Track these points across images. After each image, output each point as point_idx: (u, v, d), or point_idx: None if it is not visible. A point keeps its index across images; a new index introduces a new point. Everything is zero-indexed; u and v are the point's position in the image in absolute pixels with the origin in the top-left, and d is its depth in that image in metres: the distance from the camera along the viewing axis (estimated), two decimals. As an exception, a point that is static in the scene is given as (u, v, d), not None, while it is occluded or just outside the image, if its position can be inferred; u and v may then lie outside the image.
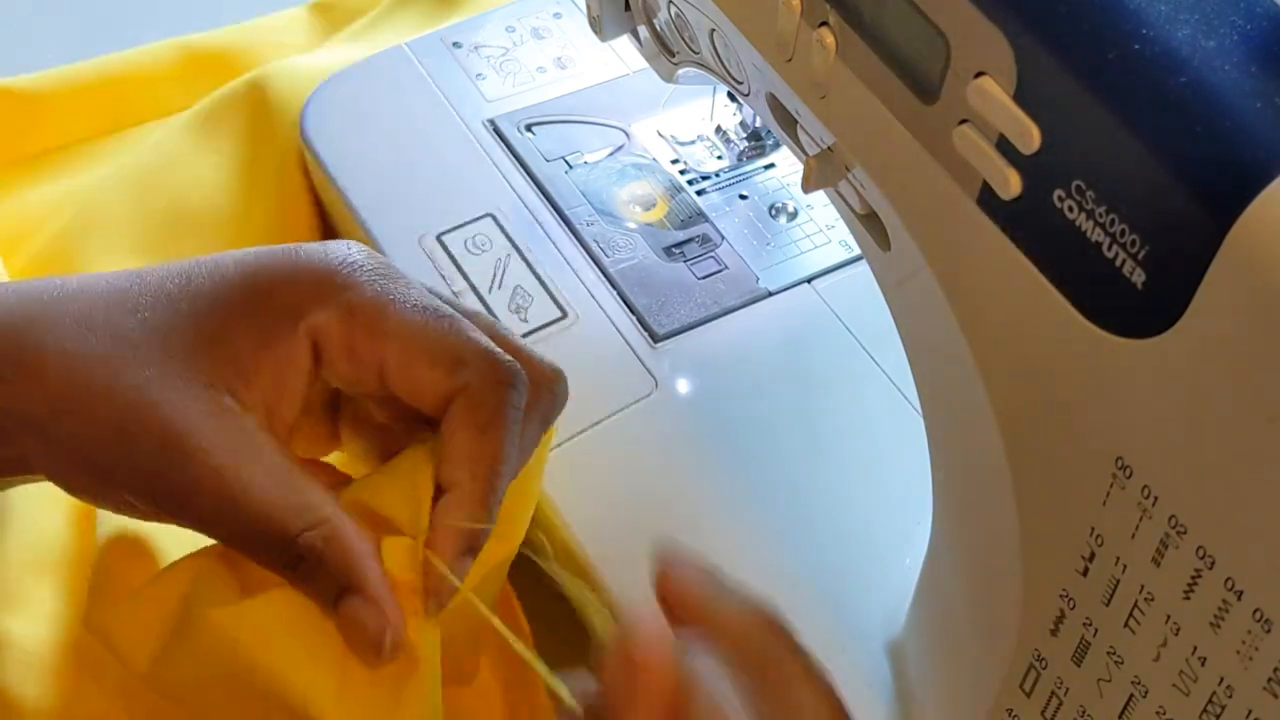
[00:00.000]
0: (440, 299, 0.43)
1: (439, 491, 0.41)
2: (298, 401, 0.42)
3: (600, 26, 0.54)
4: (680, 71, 0.52)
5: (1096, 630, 0.35)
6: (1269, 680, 0.31)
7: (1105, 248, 0.30)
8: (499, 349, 0.42)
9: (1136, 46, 0.29)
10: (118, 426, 0.39)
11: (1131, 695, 0.35)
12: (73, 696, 0.48)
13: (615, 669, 0.34)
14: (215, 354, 0.40)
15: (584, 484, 0.52)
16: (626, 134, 0.64)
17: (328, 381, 0.43)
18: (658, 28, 0.52)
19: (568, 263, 0.59)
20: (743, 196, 0.62)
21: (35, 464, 0.41)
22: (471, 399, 0.41)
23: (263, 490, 0.39)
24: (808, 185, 0.41)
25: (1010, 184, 0.31)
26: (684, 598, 0.37)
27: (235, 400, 0.40)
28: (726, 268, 0.59)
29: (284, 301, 0.41)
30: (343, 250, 0.42)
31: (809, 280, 0.59)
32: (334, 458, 0.47)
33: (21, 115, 0.68)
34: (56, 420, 0.39)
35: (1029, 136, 0.30)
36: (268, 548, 0.40)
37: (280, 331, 0.41)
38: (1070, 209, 0.30)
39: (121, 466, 0.40)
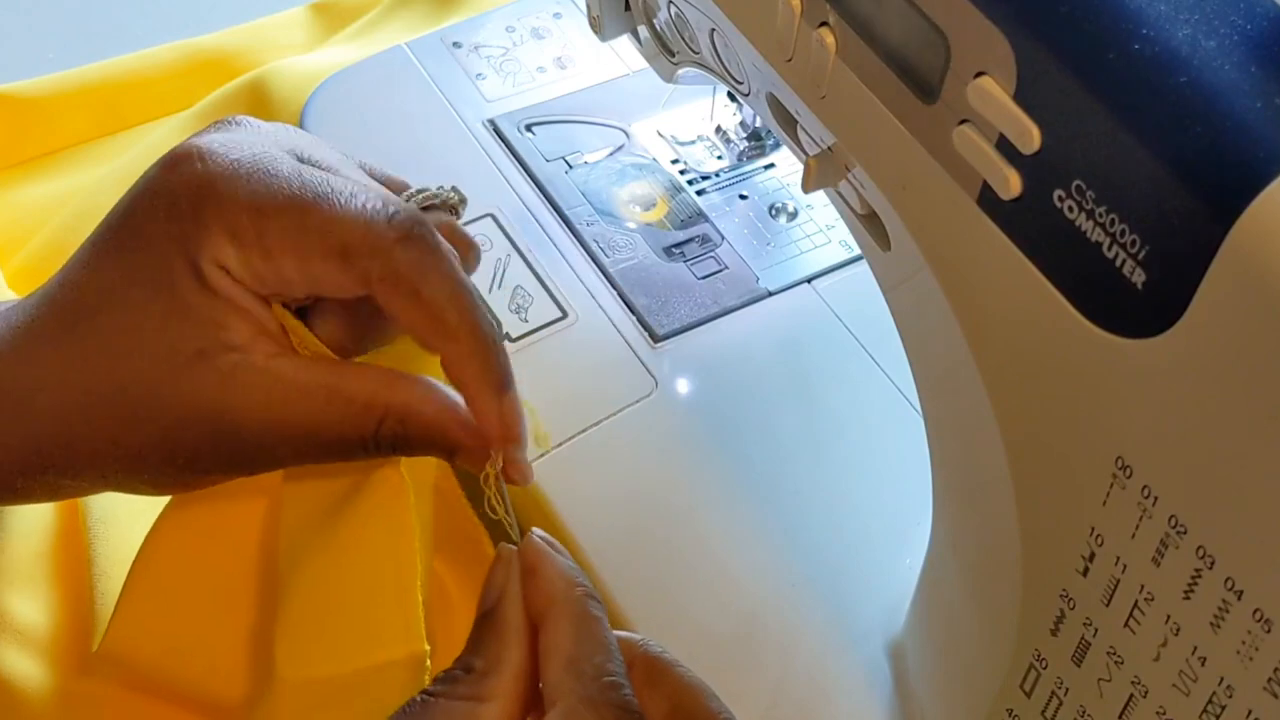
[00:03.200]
0: (305, 160, 0.41)
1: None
2: (270, 320, 0.40)
3: (600, 26, 0.54)
4: (680, 71, 0.52)
5: (1096, 630, 0.35)
6: (1269, 680, 0.30)
7: (1105, 248, 0.30)
8: (371, 200, 0.40)
9: (1136, 46, 0.29)
10: (162, 433, 0.39)
11: (1131, 695, 0.35)
12: (74, 682, 0.48)
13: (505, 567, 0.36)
14: (184, 321, 0.39)
15: (584, 484, 0.52)
16: (626, 134, 0.64)
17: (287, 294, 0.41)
18: (658, 28, 0.52)
19: (568, 263, 0.59)
20: (743, 196, 0.62)
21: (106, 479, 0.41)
22: (385, 279, 0.39)
23: (318, 416, 0.39)
24: (808, 185, 0.41)
25: (1010, 184, 0.31)
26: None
27: (233, 351, 0.39)
28: (726, 268, 0.59)
29: (185, 240, 0.39)
30: (211, 161, 0.39)
31: (809, 280, 0.59)
32: None
33: (22, 120, 0.69)
34: (103, 443, 0.40)
35: (1029, 136, 0.30)
36: (360, 452, 0.40)
37: (199, 270, 0.39)
38: (1070, 209, 0.30)
39: (190, 462, 0.40)
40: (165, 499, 0.45)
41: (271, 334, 0.40)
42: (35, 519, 0.52)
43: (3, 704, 0.46)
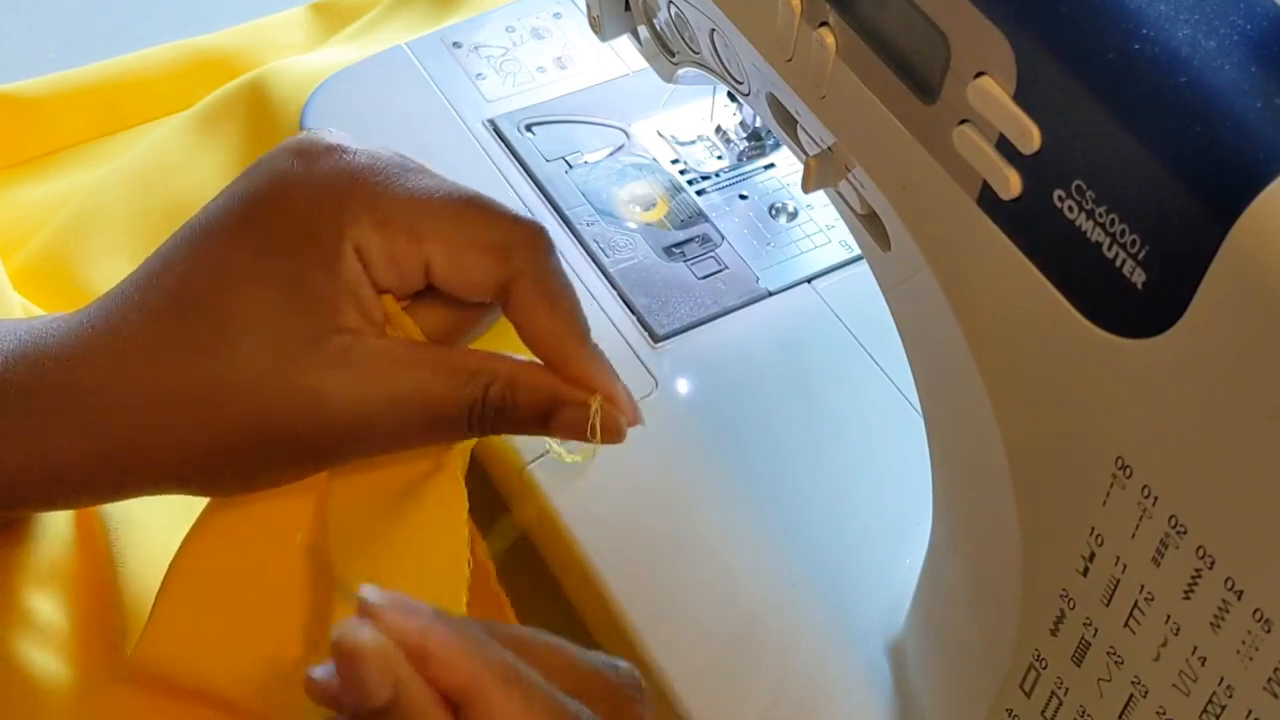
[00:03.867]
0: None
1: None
2: (377, 310, 0.42)
3: (600, 26, 0.54)
4: (680, 71, 0.52)
5: (1096, 630, 0.35)
6: (1269, 680, 0.30)
7: (1105, 248, 0.30)
8: (520, 216, 0.43)
9: (1136, 46, 0.29)
10: (254, 438, 0.40)
11: (1131, 695, 0.35)
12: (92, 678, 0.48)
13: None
14: (291, 307, 0.40)
15: (584, 484, 0.52)
16: (626, 134, 0.64)
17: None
18: (658, 28, 0.52)
19: (568, 263, 0.59)
20: (743, 196, 0.62)
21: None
22: (530, 279, 0.42)
23: (429, 385, 0.41)
24: (808, 185, 0.41)
25: (1010, 184, 0.31)
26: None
27: (344, 333, 0.40)
28: (726, 268, 0.59)
29: (321, 227, 0.40)
30: (354, 155, 0.42)
31: (809, 280, 0.59)
32: None
33: (22, 120, 0.68)
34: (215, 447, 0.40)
35: (1029, 136, 0.30)
36: (464, 425, 0.42)
37: (335, 255, 0.40)
38: (1070, 209, 0.30)
39: (293, 459, 0.41)
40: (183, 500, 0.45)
41: (376, 322, 0.41)
42: (56, 520, 0.52)
43: (28, 704, 0.46)
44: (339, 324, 0.40)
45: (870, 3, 0.35)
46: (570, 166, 0.63)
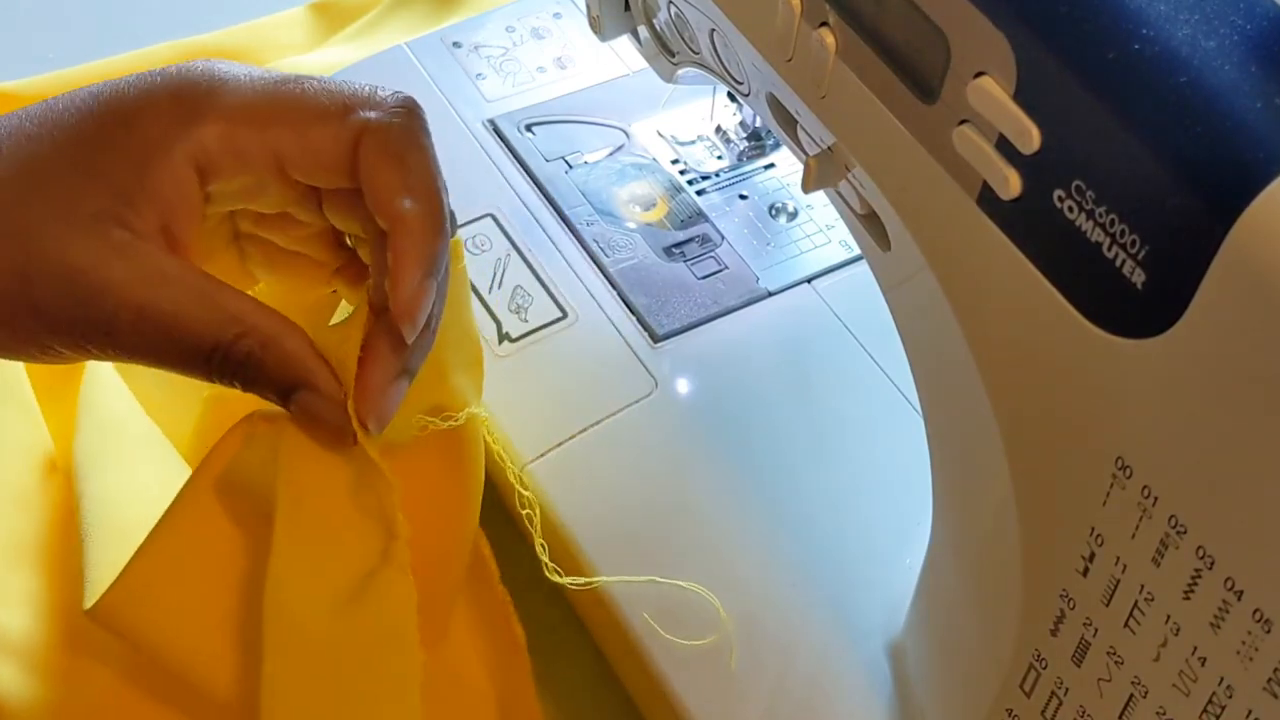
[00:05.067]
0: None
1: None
2: (192, 227, 0.41)
3: (600, 26, 0.54)
4: (680, 71, 0.52)
5: (1096, 630, 0.35)
6: (1269, 680, 0.31)
7: (1105, 248, 0.30)
8: (376, 87, 0.41)
9: (1136, 46, 0.29)
10: (19, 274, 0.38)
11: (1131, 695, 0.35)
12: (69, 682, 0.49)
13: None
14: (93, 187, 0.39)
15: (584, 484, 0.52)
16: (626, 134, 0.64)
17: (222, 203, 0.42)
18: (658, 28, 0.52)
19: (568, 263, 0.59)
20: (743, 196, 0.62)
21: None
22: (377, 133, 0.40)
23: (184, 308, 0.39)
24: (808, 185, 0.41)
25: (1010, 184, 0.31)
26: None
27: (127, 230, 0.39)
28: (726, 268, 0.59)
29: (150, 128, 0.40)
30: (202, 65, 0.41)
31: (809, 280, 0.59)
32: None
33: None
34: None
35: (1029, 136, 0.30)
36: (203, 362, 0.40)
37: (154, 157, 0.40)
38: (1070, 209, 0.30)
39: (35, 313, 0.39)
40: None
41: (176, 243, 0.40)
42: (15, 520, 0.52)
43: None
44: (128, 221, 0.39)
45: (870, 3, 0.35)
46: (570, 166, 0.63)
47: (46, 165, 0.39)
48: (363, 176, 0.40)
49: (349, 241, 0.45)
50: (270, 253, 0.45)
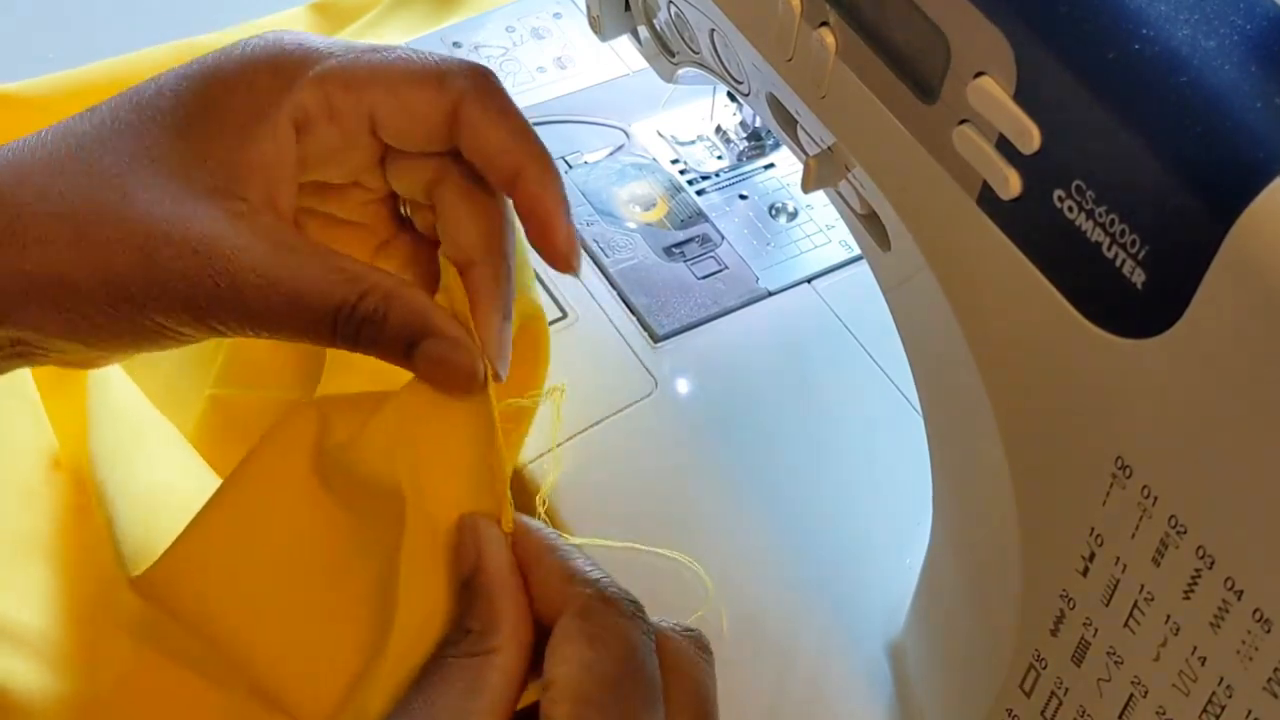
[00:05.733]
0: None
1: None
2: (291, 194, 0.42)
3: (600, 26, 0.54)
4: (680, 71, 0.52)
5: (1096, 630, 0.35)
6: (1269, 680, 0.30)
7: (1105, 248, 0.30)
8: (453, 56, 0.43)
9: (1136, 46, 0.29)
10: (141, 251, 0.39)
11: (1131, 695, 0.35)
12: (81, 674, 0.49)
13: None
14: (207, 164, 0.40)
15: (584, 483, 0.52)
16: (626, 134, 0.64)
17: (308, 170, 0.42)
18: (658, 28, 0.52)
19: (567, 263, 0.59)
20: (743, 196, 0.62)
21: (46, 331, 0.40)
22: (480, 97, 0.41)
23: (309, 274, 0.40)
24: (808, 185, 0.41)
25: (1010, 184, 0.31)
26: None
27: (243, 201, 0.40)
28: (726, 268, 0.59)
29: (254, 98, 0.41)
30: (291, 35, 0.42)
31: (809, 280, 0.59)
32: None
33: (22, 120, 0.68)
34: (70, 269, 0.39)
35: (1029, 136, 0.30)
36: (329, 326, 0.41)
37: (259, 126, 0.41)
38: (1070, 209, 0.30)
39: (152, 290, 0.40)
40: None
41: (279, 211, 0.41)
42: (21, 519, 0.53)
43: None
44: (242, 192, 0.40)
45: (870, 3, 0.35)
46: (570, 166, 0.63)
47: (158, 148, 0.40)
48: (470, 139, 0.41)
49: (404, 211, 0.46)
50: (327, 225, 0.45)
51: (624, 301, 0.58)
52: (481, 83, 0.41)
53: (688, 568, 0.50)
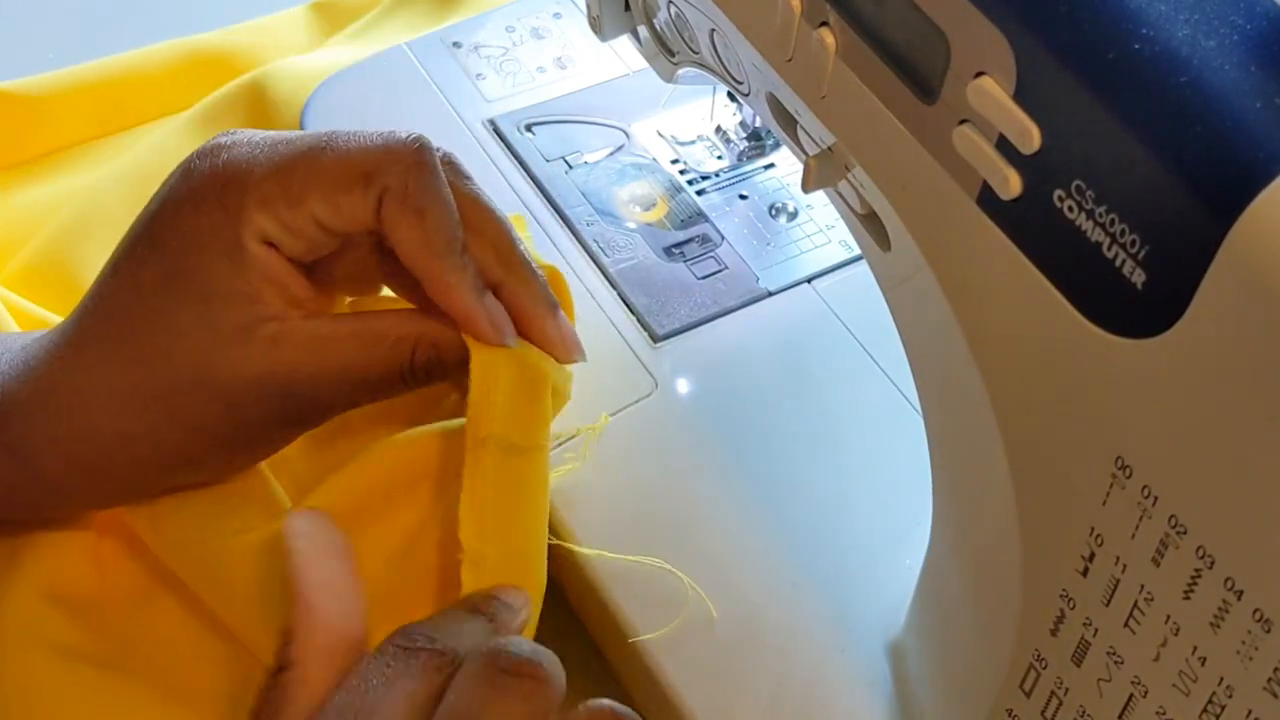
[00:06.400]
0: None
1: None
2: (303, 282, 0.44)
3: (600, 26, 0.54)
4: (680, 71, 0.52)
5: (1096, 630, 0.35)
6: (1269, 680, 0.31)
7: (1105, 248, 0.30)
8: (389, 139, 0.44)
9: (1136, 46, 0.29)
10: (222, 404, 0.43)
11: (1131, 695, 0.35)
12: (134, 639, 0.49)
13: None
14: (217, 306, 0.43)
15: (583, 483, 0.52)
16: (626, 134, 0.64)
17: (308, 256, 0.45)
18: (658, 28, 0.52)
19: (568, 263, 0.59)
20: (743, 196, 0.62)
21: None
22: (395, 196, 0.43)
23: (357, 355, 0.44)
24: (808, 185, 0.41)
25: (1010, 184, 0.31)
26: None
27: (271, 321, 0.43)
28: (726, 268, 0.59)
29: (212, 236, 0.43)
30: (230, 150, 0.44)
31: (809, 280, 0.59)
32: None
33: (21, 118, 0.68)
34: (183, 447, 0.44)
35: (1029, 136, 0.30)
36: (400, 384, 0.45)
37: (236, 252, 0.43)
38: (1070, 209, 0.30)
39: (251, 427, 0.45)
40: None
41: (299, 300, 0.44)
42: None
43: None
44: (263, 313, 0.43)
45: (870, 3, 0.35)
46: (570, 166, 0.63)
47: (168, 320, 0.43)
48: (390, 235, 0.44)
49: None
50: (346, 281, 0.48)
51: (624, 301, 0.58)
52: (402, 178, 0.43)
53: (690, 570, 0.50)
